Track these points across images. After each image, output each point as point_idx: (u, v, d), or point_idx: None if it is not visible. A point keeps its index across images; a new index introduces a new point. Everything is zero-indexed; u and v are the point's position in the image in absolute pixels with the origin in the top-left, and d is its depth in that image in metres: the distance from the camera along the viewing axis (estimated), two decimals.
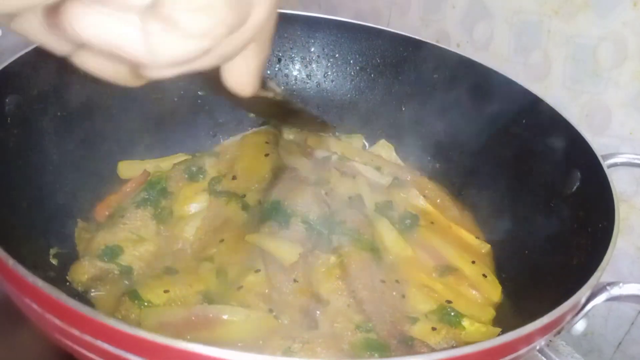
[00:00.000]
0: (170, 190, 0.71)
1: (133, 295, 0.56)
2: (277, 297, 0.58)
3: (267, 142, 0.77)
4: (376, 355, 0.55)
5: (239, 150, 0.76)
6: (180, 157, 0.77)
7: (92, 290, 0.58)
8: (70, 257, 0.61)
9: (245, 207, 0.69)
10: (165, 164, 0.75)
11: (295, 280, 0.60)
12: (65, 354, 0.42)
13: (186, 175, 0.72)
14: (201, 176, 0.73)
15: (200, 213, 0.69)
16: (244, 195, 0.70)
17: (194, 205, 0.70)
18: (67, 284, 0.58)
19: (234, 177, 0.72)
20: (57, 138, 0.65)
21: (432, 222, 0.74)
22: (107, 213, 0.68)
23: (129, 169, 0.73)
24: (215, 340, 0.53)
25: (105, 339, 0.37)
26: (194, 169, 0.73)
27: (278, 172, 0.74)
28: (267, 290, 0.59)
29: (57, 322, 0.39)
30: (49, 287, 0.38)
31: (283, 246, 0.62)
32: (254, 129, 0.82)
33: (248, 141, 0.78)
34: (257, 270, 0.60)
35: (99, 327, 0.36)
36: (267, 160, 0.74)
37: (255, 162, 0.74)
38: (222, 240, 0.63)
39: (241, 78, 0.34)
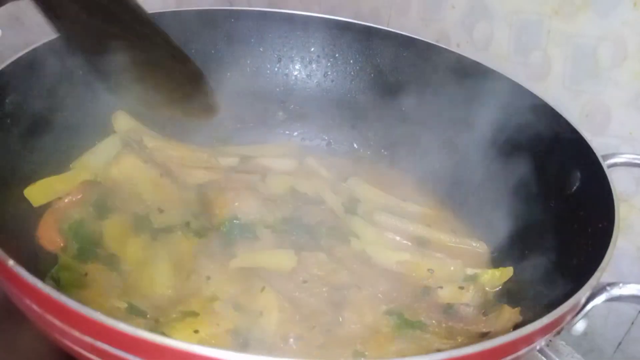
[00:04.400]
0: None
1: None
2: (295, 304, 0.57)
3: (146, 162, 0.68)
4: (418, 332, 0.57)
5: (128, 182, 0.67)
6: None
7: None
8: None
9: (197, 234, 0.64)
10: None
11: (304, 281, 0.60)
12: (65, 354, 0.42)
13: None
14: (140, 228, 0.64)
15: (162, 259, 0.60)
16: (188, 223, 0.65)
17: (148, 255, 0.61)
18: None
19: (160, 210, 0.66)
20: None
21: None
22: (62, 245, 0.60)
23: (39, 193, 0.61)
24: None
25: (105, 340, 0.37)
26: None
27: (193, 190, 0.69)
28: (285, 304, 0.56)
29: (57, 322, 0.39)
30: (49, 287, 0.38)
31: (277, 256, 0.62)
32: (113, 159, 0.68)
33: (126, 171, 0.67)
34: (263, 289, 0.57)
35: (99, 327, 0.36)
36: (168, 182, 0.68)
37: (159, 188, 0.67)
38: (208, 278, 0.59)
39: None
